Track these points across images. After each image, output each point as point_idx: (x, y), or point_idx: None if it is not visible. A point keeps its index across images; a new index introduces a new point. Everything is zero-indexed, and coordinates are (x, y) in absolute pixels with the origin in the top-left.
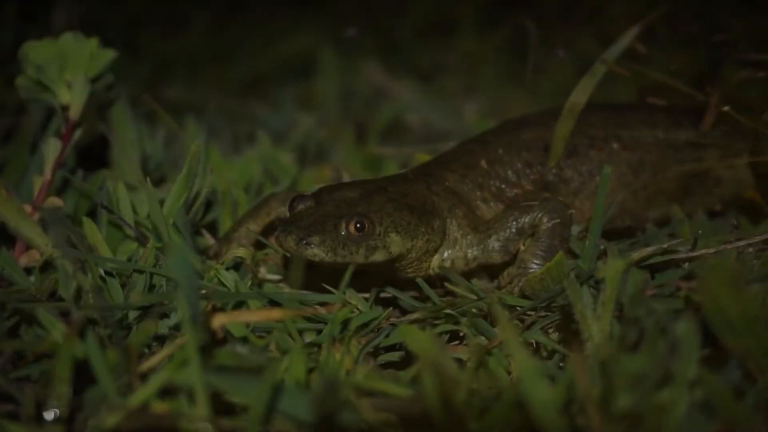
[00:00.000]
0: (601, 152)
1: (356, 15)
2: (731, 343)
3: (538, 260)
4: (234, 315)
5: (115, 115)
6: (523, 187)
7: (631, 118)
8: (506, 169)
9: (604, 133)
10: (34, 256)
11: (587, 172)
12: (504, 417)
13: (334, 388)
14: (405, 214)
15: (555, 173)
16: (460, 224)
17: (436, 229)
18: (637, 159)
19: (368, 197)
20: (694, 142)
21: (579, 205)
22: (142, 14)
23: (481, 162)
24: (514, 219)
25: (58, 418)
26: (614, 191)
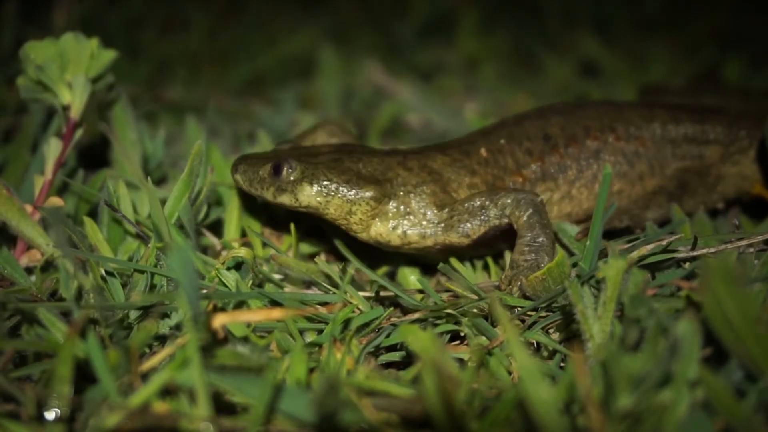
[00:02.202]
0: (596, 141)
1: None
2: (732, 343)
3: (528, 255)
4: (235, 315)
5: (116, 115)
6: (524, 176)
7: (629, 112)
8: (507, 158)
9: (600, 124)
10: (35, 255)
11: (585, 160)
12: (504, 417)
13: (334, 387)
14: (332, 174)
15: (555, 161)
16: (425, 201)
17: (372, 198)
18: (632, 150)
19: (325, 153)
20: (693, 137)
21: (576, 193)
22: (142, 14)
23: (481, 150)
24: (481, 206)
25: (59, 418)
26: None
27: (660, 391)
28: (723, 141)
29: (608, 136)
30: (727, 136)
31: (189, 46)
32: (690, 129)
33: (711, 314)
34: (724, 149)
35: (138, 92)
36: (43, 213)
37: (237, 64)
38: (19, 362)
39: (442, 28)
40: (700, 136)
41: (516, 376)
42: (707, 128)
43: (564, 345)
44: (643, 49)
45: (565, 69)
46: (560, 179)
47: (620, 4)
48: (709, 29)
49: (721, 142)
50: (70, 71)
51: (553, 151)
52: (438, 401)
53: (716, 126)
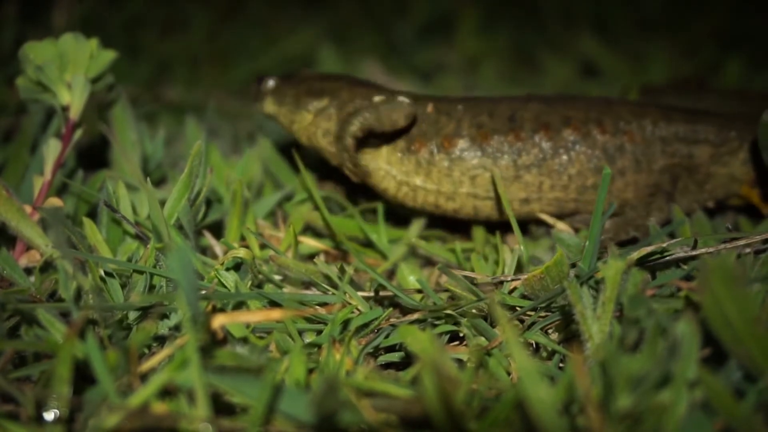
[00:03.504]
0: (575, 132)
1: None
2: (731, 343)
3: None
4: (234, 315)
5: (116, 115)
6: (451, 143)
7: (620, 107)
8: (450, 123)
9: (585, 115)
10: (34, 256)
11: (552, 149)
12: (504, 417)
13: (334, 388)
14: (293, 91)
15: (505, 142)
16: (338, 114)
17: (312, 109)
18: (617, 145)
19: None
20: (684, 136)
21: (531, 179)
22: (142, 14)
23: (429, 106)
24: (359, 113)
25: (58, 419)
26: (584, 174)
27: (659, 391)
28: (713, 141)
29: (592, 129)
30: (718, 137)
31: (189, 46)
32: (681, 128)
33: (710, 315)
34: (714, 150)
35: (138, 92)
36: (43, 213)
37: (237, 64)
38: (19, 363)
39: (442, 28)
40: (690, 135)
41: (515, 377)
42: (698, 128)
43: (563, 345)
44: (643, 49)
45: (564, 69)
46: (504, 160)
47: (620, 4)
48: (709, 29)
49: (711, 142)
50: (69, 71)
51: (510, 132)
52: (437, 402)
53: (707, 126)
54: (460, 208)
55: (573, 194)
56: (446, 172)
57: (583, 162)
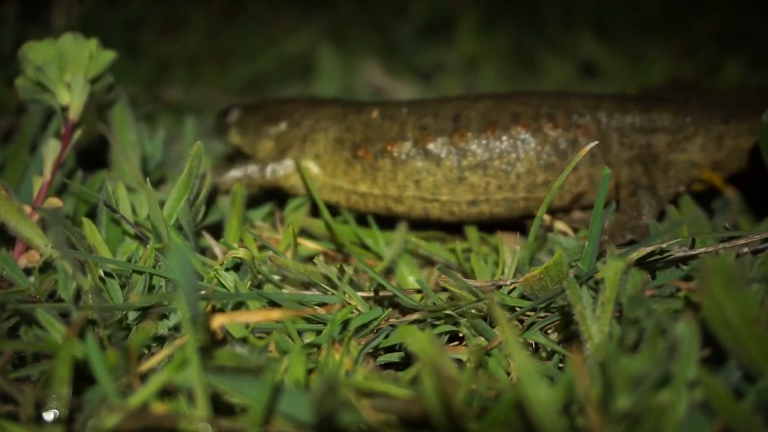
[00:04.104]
0: (525, 129)
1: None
2: (730, 343)
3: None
4: (233, 316)
5: (115, 115)
6: (394, 147)
7: (574, 101)
8: (394, 127)
9: (535, 111)
10: (34, 256)
11: (500, 148)
12: (504, 418)
13: (333, 388)
14: (254, 119)
15: (449, 143)
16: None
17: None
18: (570, 139)
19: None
20: (641, 126)
21: (477, 181)
22: (142, 14)
23: (374, 112)
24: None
25: (57, 419)
26: (533, 172)
27: (659, 391)
28: (670, 129)
29: (543, 124)
30: (674, 124)
31: (189, 46)
32: (637, 118)
33: (709, 315)
34: (672, 137)
35: (137, 93)
36: (42, 214)
37: (237, 65)
38: (18, 363)
39: (441, 28)
40: (647, 124)
41: (515, 377)
42: (654, 117)
43: (563, 346)
44: (643, 50)
45: (564, 69)
46: (449, 162)
47: (620, 4)
48: (709, 29)
49: (667, 129)
50: (69, 72)
51: (454, 132)
52: (437, 402)
53: (663, 114)
54: (410, 210)
55: (522, 193)
56: (390, 176)
57: (533, 159)
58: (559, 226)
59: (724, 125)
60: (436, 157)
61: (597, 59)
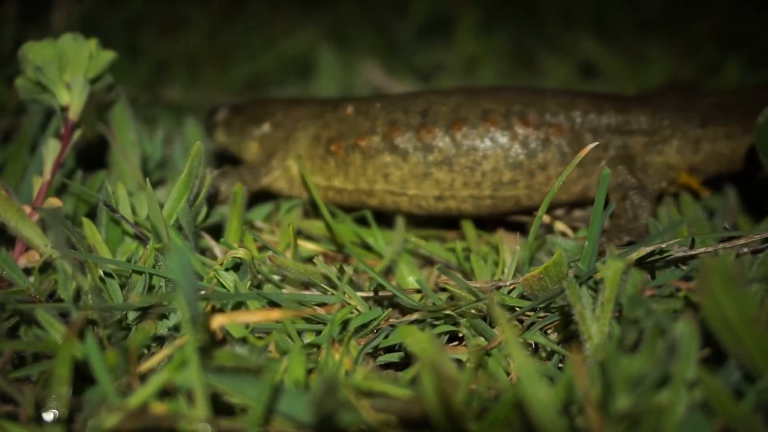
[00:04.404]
0: (494, 126)
1: (355, 15)
2: (730, 343)
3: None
4: (233, 316)
5: (115, 115)
6: (365, 142)
7: (549, 99)
8: (367, 122)
9: (506, 109)
10: (34, 256)
11: (466, 145)
12: (503, 418)
13: (333, 388)
14: (239, 120)
15: (416, 138)
16: (268, 147)
17: (257, 137)
18: (540, 138)
19: (258, 104)
20: (617, 127)
21: (443, 177)
22: (142, 15)
23: (348, 108)
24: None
25: (57, 419)
26: (499, 170)
27: (658, 391)
28: (646, 131)
29: (513, 122)
30: (650, 126)
31: (188, 46)
32: (613, 119)
33: (709, 315)
34: (648, 139)
35: (137, 93)
36: (42, 214)
37: (236, 65)
38: (18, 363)
39: (441, 28)
40: (623, 126)
41: (514, 377)
42: (630, 118)
43: (562, 346)
44: (643, 50)
45: (564, 69)
46: (415, 158)
47: (620, 5)
48: (708, 29)
49: (644, 131)
50: (68, 72)
51: (421, 128)
52: (436, 402)
53: (639, 116)
54: (381, 204)
55: (488, 191)
56: (361, 170)
57: (499, 158)
58: (558, 227)
59: (701, 129)
60: (403, 152)
61: (597, 59)
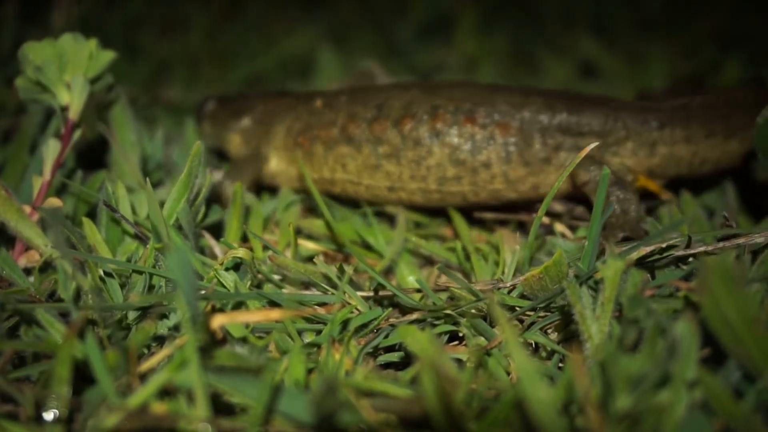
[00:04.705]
0: (440, 123)
1: (355, 15)
2: (730, 343)
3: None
4: (233, 315)
5: (115, 115)
6: (326, 133)
7: (500, 97)
8: (331, 114)
9: (454, 106)
10: (34, 256)
11: (412, 140)
12: (503, 417)
13: (333, 388)
14: (224, 113)
15: (370, 131)
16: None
17: (237, 130)
18: (485, 137)
19: (242, 97)
20: (568, 127)
21: (392, 169)
22: (142, 15)
23: (317, 101)
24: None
25: (57, 419)
26: (443, 166)
27: (658, 391)
28: (598, 132)
29: (460, 119)
30: (602, 128)
31: (188, 46)
32: (565, 119)
33: (709, 315)
34: (602, 140)
35: (137, 93)
36: (42, 214)
37: (236, 65)
38: (18, 363)
39: (441, 28)
40: (574, 126)
41: (514, 377)
42: (583, 119)
43: (562, 345)
44: (643, 50)
45: (564, 69)
46: (367, 149)
47: (620, 5)
48: (708, 29)
49: (597, 133)
50: (68, 72)
51: (374, 121)
52: (436, 402)
53: (592, 117)
54: (344, 191)
55: (434, 185)
56: (323, 160)
57: (444, 154)
58: (558, 228)
59: (658, 132)
60: (358, 144)
61: (597, 59)
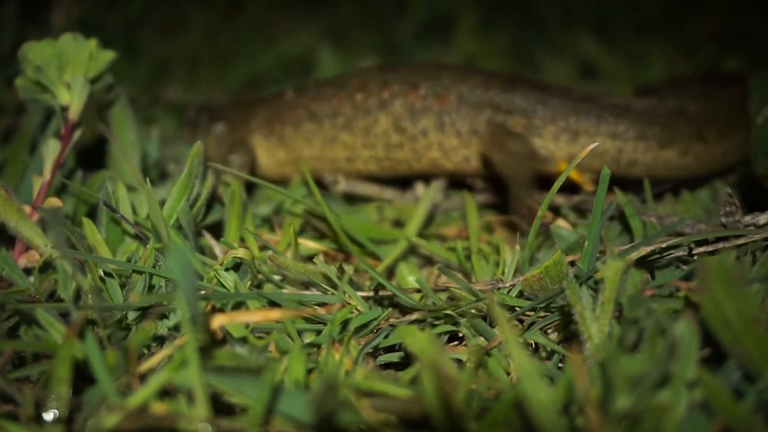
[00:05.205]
0: (388, 94)
1: (355, 15)
2: (730, 343)
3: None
4: (233, 316)
5: (115, 115)
6: (293, 113)
7: (446, 73)
8: (301, 98)
9: (401, 78)
10: (34, 256)
11: (362, 110)
12: (503, 417)
13: (333, 388)
14: (203, 119)
15: (328, 107)
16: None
17: (212, 135)
18: (424, 107)
19: (220, 104)
20: (498, 104)
21: (348, 139)
22: (142, 15)
23: (288, 93)
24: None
25: (57, 419)
26: (388, 133)
27: (658, 391)
28: (525, 112)
29: (406, 91)
30: (527, 108)
31: (188, 46)
32: (496, 96)
33: (709, 315)
34: (527, 121)
35: (137, 93)
36: (42, 214)
37: (236, 65)
38: (18, 363)
39: (441, 28)
40: (504, 104)
41: (514, 377)
42: (513, 98)
43: (562, 345)
44: (643, 50)
45: (564, 69)
46: (326, 123)
47: (619, 5)
48: (708, 29)
49: (523, 112)
50: (68, 72)
51: (333, 97)
52: (436, 402)
53: (522, 98)
54: (313, 169)
55: (382, 152)
56: (293, 139)
57: (388, 122)
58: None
59: (577, 121)
60: (319, 119)
61: (597, 59)
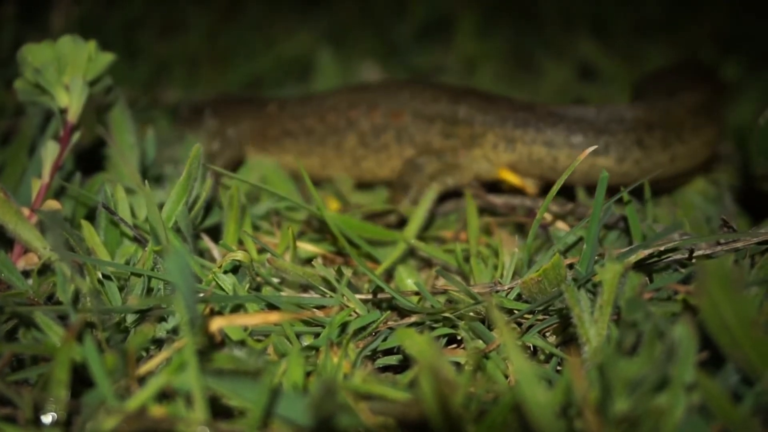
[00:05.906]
0: (355, 112)
1: (354, 17)
2: (728, 346)
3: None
4: (232, 318)
5: (114, 117)
6: (275, 130)
7: (406, 90)
8: (283, 113)
9: (365, 98)
10: (32, 259)
11: (332, 128)
12: (501, 421)
13: (331, 391)
14: (193, 118)
15: (304, 124)
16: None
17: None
18: (383, 124)
19: (210, 102)
20: (446, 116)
21: (322, 152)
22: (141, 16)
23: (270, 106)
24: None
25: (56, 422)
26: (356, 149)
27: (657, 394)
28: (468, 122)
29: (369, 111)
30: (471, 118)
31: (188, 48)
32: (444, 108)
33: (707, 318)
34: (471, 130)
35: (136, 95)
36: (41, 216)
37: (236, 66)
38: (16, 366)
39: (440, 30)
40: (450, 115)
41: (513, 380)
42: (458, 109)
43: (561, 348)
44: (642, 52)
45: (563, 71)
46: (302, 138)
47: (619, 6)
48: (708, 31)
49: (467, 122)
50: (67, 74)
51: (312, 113)
52: (435, 405)
53: (467, 108)
54: (310, 167)
55: (350, 162)
56: (272, 149)
57: (355, 138)
58: (559, 226)
59: (514, 131)
60: (295, 135)
61: (596, 61)
